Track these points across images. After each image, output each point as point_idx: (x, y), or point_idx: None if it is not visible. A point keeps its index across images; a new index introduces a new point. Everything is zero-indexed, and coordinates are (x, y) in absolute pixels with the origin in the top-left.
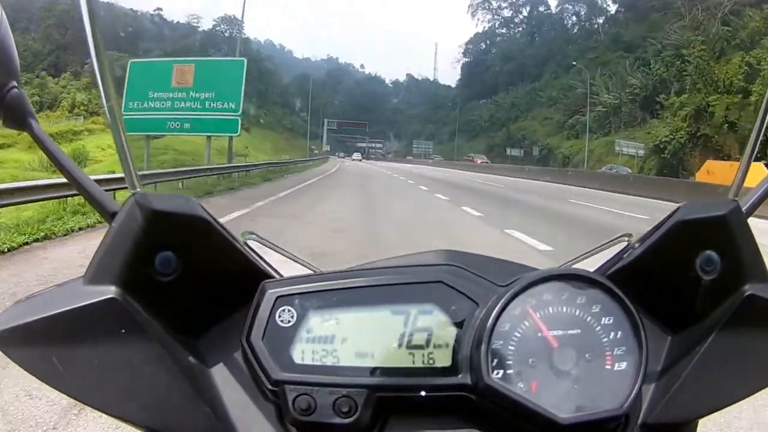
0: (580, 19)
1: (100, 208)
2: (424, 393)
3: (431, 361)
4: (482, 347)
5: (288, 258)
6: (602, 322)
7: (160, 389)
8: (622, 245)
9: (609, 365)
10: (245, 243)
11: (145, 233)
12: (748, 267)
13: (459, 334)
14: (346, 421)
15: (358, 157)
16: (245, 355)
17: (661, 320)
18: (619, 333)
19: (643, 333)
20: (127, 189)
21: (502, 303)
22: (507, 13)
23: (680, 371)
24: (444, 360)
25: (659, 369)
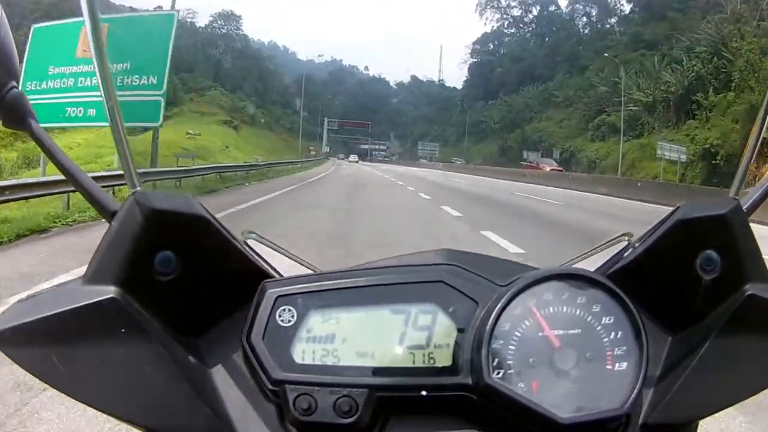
0: (591, 20)
1: (100, 208)
2: (425, 393)
3: (432, 361)
4: (483, 347)
5: (288, 258)
6: (603, 322)
7: (160, 389)
8: (622, 245)
9: (609, 365)
10: (245, 242)
11: (145, 232)
12: (749, 267)
13: (459, 334)
14: (347, 421)
15: (355, 159)
16: (245, 355)
17: (662, 320)
18: (620, 333)
19: (644, 333)
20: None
21: (503, 303)
22: (516, 12)
23: (681, 371)
24: (444, 360)
25: (660, 369)
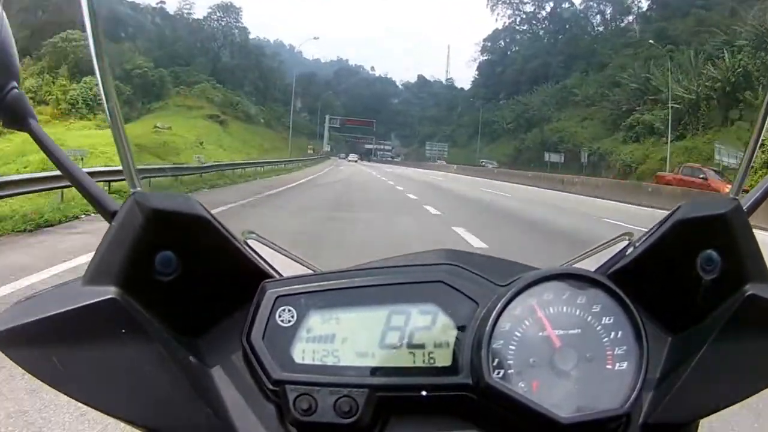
0: (605, 18)
1: (100, 208)
2: (425, 393)
3: (432, 361)
4: (483, 347)
5: (288, 258)
6: (603, 322)
7: (161, 389)
8: (623, 244)
9: (610, 365)
10: (245, 242)
11: (145, 233)
12: (749, 267)
13: (459, 334)
14: (347, 421)
15: (354, 158)
16: (245, 355)
17: (662, 320)
18: (620, 333)
19: (644, 333)
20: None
21: (503, 303)
22: (529, 9)
23: (681, 371)
24: (444, 360)
25: (660, 369)
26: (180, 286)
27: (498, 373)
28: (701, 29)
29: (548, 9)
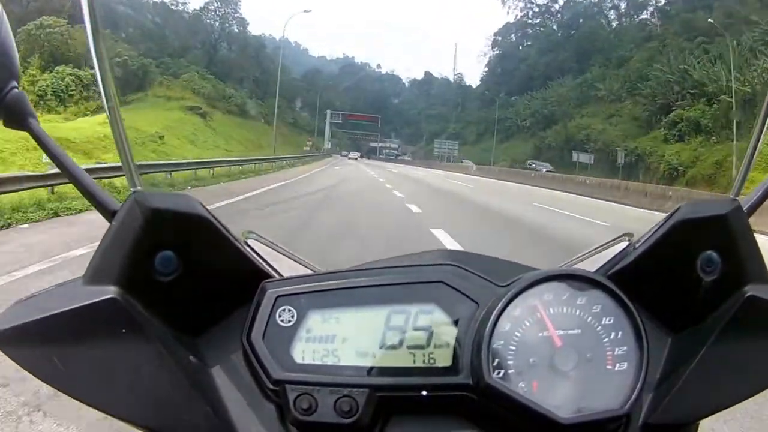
0: (620, 13)
1: (100, 207)
2: (425, 393)
3: (432, 361)
4: (483, 347)
5: (288, 258)
6: (603, 323)
7: (161, 389)
8: (623, 245)
9: (610, 365)
10: (245, 242)
11: (145, 232)
12: (749, 268)
13: (459, 334)
14: (348, 421)
15: (355, 156)
16: (245, 355)
17: (662, 320)
18: (620, 333)
19: (644, 333)
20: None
21: (503, 303)
22: (542, 1)
23: (681, 372)
24: (444, 360)
25: (660, 369)
26: (180, 286)
27: (498, 374)
28: (733, 21)
29: (561, 2)
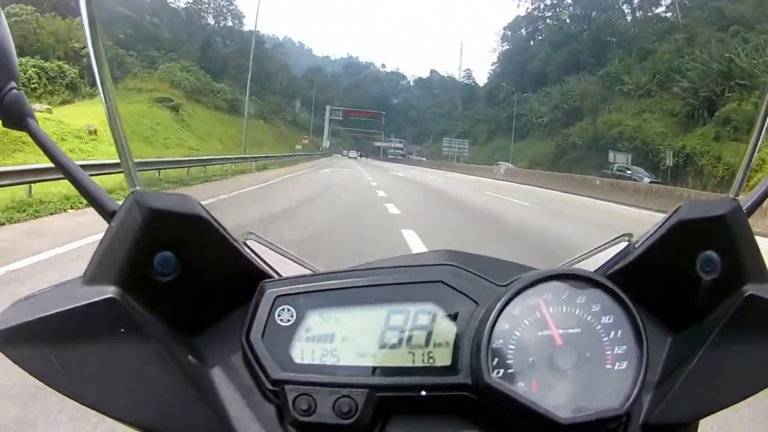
0: (633, 6)
1: (99, 207)
2: (425, 392)
3: (431, 361)
4: (482, 347)
5: (287, 258)
6: (602, 322)
7: (160, 389)
8: (623, 245)
9: (609, 365)
10: (245, 243)
11: (144, 233)
12: (749, 267)
13: (459, 334)
14: (347, 422)
15: (354, 155)
16: (245, 355)
17: (662, 320)
18: (620, 332)
19: (644, 333)
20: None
21: (502, 302)
22: None
23: (681, 371)
24: (444, 359)
25: (660, 369)
26: (179, 286)
27: (497, 373)
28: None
29: None
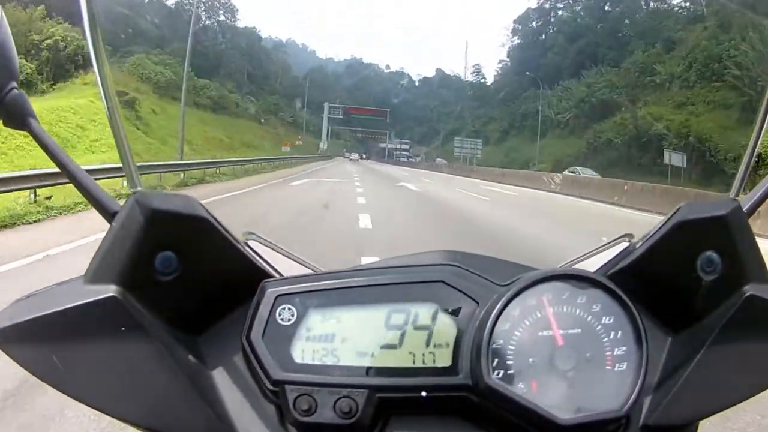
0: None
1: (101, 208)
2: (425, 393)
3: (432, 361)
4: (482, 347)
5: (288, 258)
6: (603, 322)
7: (160, 388)
8: (624, 245)
9: (609, 366)
10: (245, 243)
11: (146, 233)
12: (749, 267)
13: (459, 334)
14: (347, 422)
15: (356, 157)
16: (245, 354)
17: (662, 320)
18: (620, 333)
19: (644, 333)
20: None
21: (503, 303)
22: None
23: (681, 372)
24: (444, 360)
25: (660, 369)
26: (180, 286)
27: (498, 374)
28: None
29: None
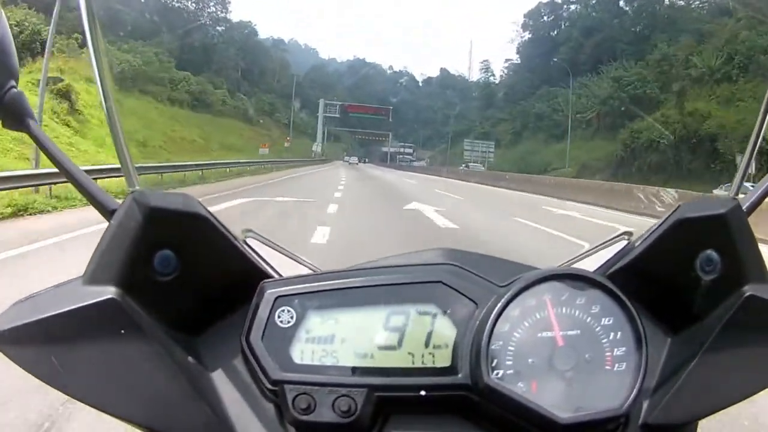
0: None
1: (99, 207)
2: (424, 393)
3: (431, 362)
4: (482, 347)
5: (288, 257)
6: (602, 323)
7: (160, 389)
8: (622, 244)
9: (609, 365)
10: (245, 241)
11: (144, 232)
12: (748, 267)
13: (458, 334)
14: (346, 421)
15: (355, 161)
16: (245, 356)
17: (662, 320)
18: (619, 333)
19: (643, 333)
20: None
21: (502, 303)
22: None
23: (680, 372)
24: (443, 360)
25: (659, 369)
26: (179, 286)
27: (497, 374)
28: None
29: None
